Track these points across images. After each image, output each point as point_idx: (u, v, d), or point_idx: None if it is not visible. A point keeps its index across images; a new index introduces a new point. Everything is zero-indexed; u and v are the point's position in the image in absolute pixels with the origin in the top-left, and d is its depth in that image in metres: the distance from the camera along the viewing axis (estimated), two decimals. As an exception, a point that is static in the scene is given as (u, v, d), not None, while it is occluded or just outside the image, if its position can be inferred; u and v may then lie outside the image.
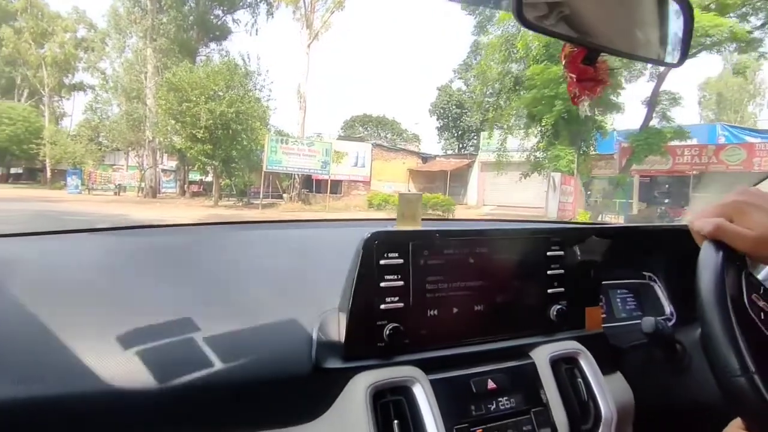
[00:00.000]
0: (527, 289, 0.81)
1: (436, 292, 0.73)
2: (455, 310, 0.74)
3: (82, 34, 29.56)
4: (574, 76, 0.71)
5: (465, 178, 22.00)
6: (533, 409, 0.72)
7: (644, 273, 1.07)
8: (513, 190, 17.70)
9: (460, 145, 32.01)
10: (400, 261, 0.69)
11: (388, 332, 0.67)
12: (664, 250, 1.07)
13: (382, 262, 0.68)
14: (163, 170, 21.74)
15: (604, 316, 0.94)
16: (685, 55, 0.72)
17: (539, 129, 14.13)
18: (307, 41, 19.24)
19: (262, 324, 0.69)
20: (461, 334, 0.75)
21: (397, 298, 0.69)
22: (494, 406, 0.70)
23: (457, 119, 30.80)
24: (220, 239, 0.96)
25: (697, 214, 0.58)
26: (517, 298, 0.80)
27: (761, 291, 0.58)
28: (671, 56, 0.72)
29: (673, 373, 0.82)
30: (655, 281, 1.07)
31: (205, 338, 0.64)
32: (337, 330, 0.68)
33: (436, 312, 0.72)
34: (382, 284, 0.68)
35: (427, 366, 0.69)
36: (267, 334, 0.69)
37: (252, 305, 0.72)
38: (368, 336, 0.67)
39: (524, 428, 0.70)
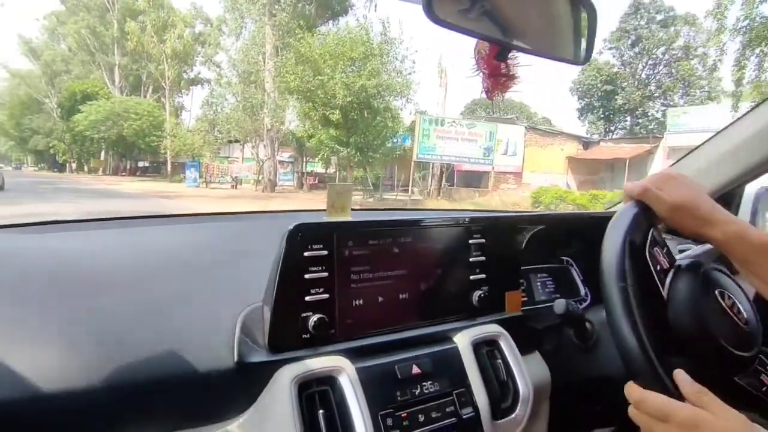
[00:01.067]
0: (450, 276, 0.82)
1: (361, 282, 0.73)
2: (380, 299, 0.75)
3: (199, 29, 29.41)
4: (487, 72, 0.72)
5: (642, 168, 16.97)
6: (456, 391, 0.74)
7: (562, 258, 1.11)
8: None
9: (609, 128, 26.71)
10: (325, 252, 0.69)
11: (313, 323, 0.67)
12: (580, 236, 1.10)
13: (306, 253, 0.67)
14: (279, 161, 19.82)
15: (524, 299, 0.96)
16: (590, 54, 0.76)
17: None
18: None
19: (184, 320, 0.67)
20: (387, 323, 0.75)
21: (322, 290, 0.68)
22: (418, 390, 0.71)
23: (606, 98, 25.63)
24: (141, 234, 0.92)
25: (633, 182, 0.70)
26: (440, 285, 0.81)
27: (664, 250, 0.70)
28: (577, 55, 0.75)
29: (584, 351, 0.86)
30: (571, 265, 1.11)
31: (123, 336, 0.62)
32: (261, 323, 0.67)
33: (361, 302, 0.73)
34: (307, 276, 0.67)
35: (353, 355, 0.69)
36: (188, 331, 0.66)
37: (173, 301, 0.69)
38: (293, 328, 0.67)
39: (447, 410, 0.72)
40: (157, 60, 28.25)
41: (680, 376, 0.58)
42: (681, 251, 0.99)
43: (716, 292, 0.68)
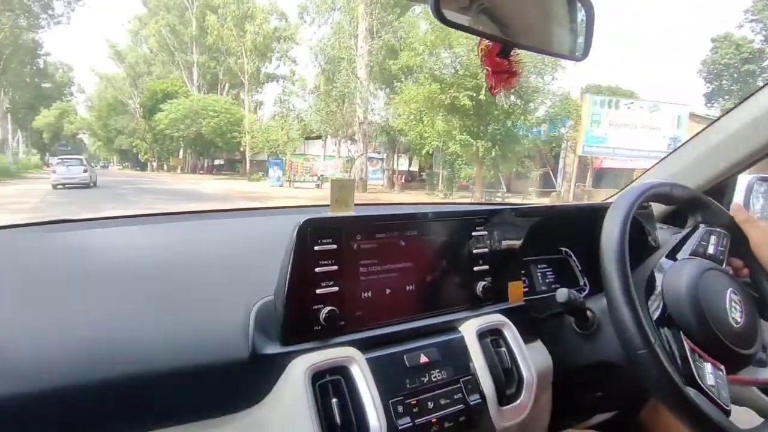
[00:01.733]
0: (455, 267, 0.85)
1: (369, 274, 0.75)
2: (388, 291, 0.77)
3: (275, 24, 28.47)
4: (489, 69, 0.73)
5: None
6: (462, 379, 0.76)
7: (561, 249, 1.12)
8: None
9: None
10: (334, 246, 0.70)
11: (324, 316, 0.69)
12: (578, 227, 1.10)
13: (316, 248, 0.69)
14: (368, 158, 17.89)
15: (526, 289, 0.99)
16: (588, 49, 0.77)
17: None
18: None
19: (198, 314, 0.69)
20: (395, 314, 0.77)
21: (331, 283, 0.70)
22: (427, 378, 0.73)
23: (744, 80, 21.42)
24: (155, 232, 0.93)
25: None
26: (445, 276, 0.84)
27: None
28: (576, 51, 0.78)
29: (584, 338, 0.88)
30: (570, 256, 1.12)
31: (141, 330, 0.64)
32: (274, 316, 0.69)
33: (370, 294, 0.74)
34: (317, 269, 0.69)
35: (363, 345, 0.71)
36: (203, 324, 0.68)
37: (188, 296, 0.71)
38: (305, 320, 0.68)
39: (455, 396, 0.74)
40: (236, 54, 27.59)
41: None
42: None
43: (728, 291, 0.76)
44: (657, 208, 1.18)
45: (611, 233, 0.73)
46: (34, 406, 0.56)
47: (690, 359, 0.69)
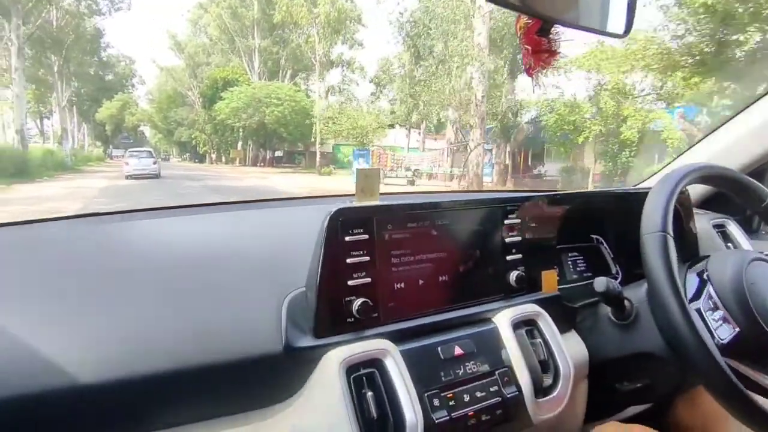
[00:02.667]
0: (487, 257, 0.83)
1: (401, 265, 0.74)
2: (420, 281, 0.76)
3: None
4: (529, 48, 0.72)
5: None
6: (498, 370, 0.75)
7: (592, 236, 1.11)
8: None
9: None
10: (365, 236, 0.69)
11: (356, 307, 0.68)
12: (610, 214, 1.10)
13: (347, 238, 0.68)
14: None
15: (558, 278, 0.96)
16: (630, 25, 0.75)
17: None
18: None
19: (230, 307, 0.68)
20: (427, 305, 0.76)
21: (363, 274, 0.69)
22: (462, 370, 0.72)
23: None
24: (177, 224, 0.91)
25: None
26: (478, 266, 0.82)
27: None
28: (617, 26, 0.76)
29: (621, 328, 0.86)
30: (602, 243, 1.10)
31: (174, 324, 0.64)
32: (306, 308, 0.68)
33: (402, 285, 0.74)
34: (349, 260, 0.68)
35: (396, 338, 0.70)
36: (235, 317, 0.67)
37: (218, 289, 0.70)
38: (337, 312, 0.68)
39: (491, 389, 0.72)
40: (306, 32, 25.17)
41: None
42: (715, 225, 1.13)
43: None
44: (693, 192, 1.13)
45: (653, 219, 0.71)
46: (72, 400, 0.56)
47: None
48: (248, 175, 21.41)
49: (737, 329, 0.71)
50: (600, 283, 0.80)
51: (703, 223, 1.09)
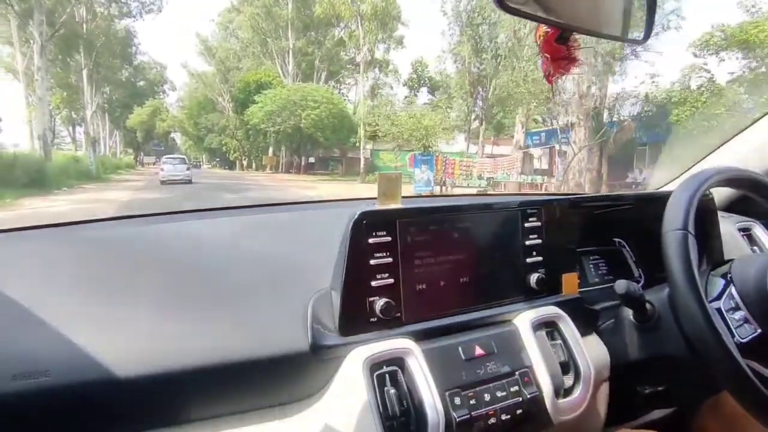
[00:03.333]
0: (508, 259, 0.84)
1: (423, 266, 0.75)
2: (442, 282, 0.77)
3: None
4: (548, 55, 0.72)
5: None
6: (518, 371, 0.75)
7: (614, 239, 1.10)
8: None
9: None
10: (389, 239, 0.71)
11: (380, 307, 0.69)
12: (633, 217, 1.09)
13: (371, 240, 0.70)
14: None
15: (579, 281, 0.97)
16: (649, 31, 0.76)
17: None
18: None
19: (258, 307, 0.71)
20: (449, 306, 0.77)
21: (387, 275, 0.71)
22: (483, 370, 0.73)
23: None
24: (205, 226, 0.93)
25: None
26: (499, 268, 0.83)
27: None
28: (637, 34, 0.76)
29: (643, 331, 0.86)
30: (624, 246, 1.10)
31: (202, 325, 0.66)
32: (331, 308, 0.70)
33: (424, 286, 0.75)
34: (372, 262, 0.70)
35: (418, 337, 0.72)
36: (264, 316, 0.70)
37: (245, 289, 0.73)
38: (361, 312, 0.69)
39: (511, 389, 0.73)
40: (349, 24, 23.42)
41: None
42: (740, 229, 1.11)
43: None
44: (718, 195, 1.12)
45: (675, 217, 0.71)
46: (104, 393, 0.59)
47: None
48: (287, 183, 19.55)
49: (759, 330, 0.71)
50: (621, 285, 0.80)
51: (728, 226, 1.09)
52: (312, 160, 32.78)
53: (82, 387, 0.58)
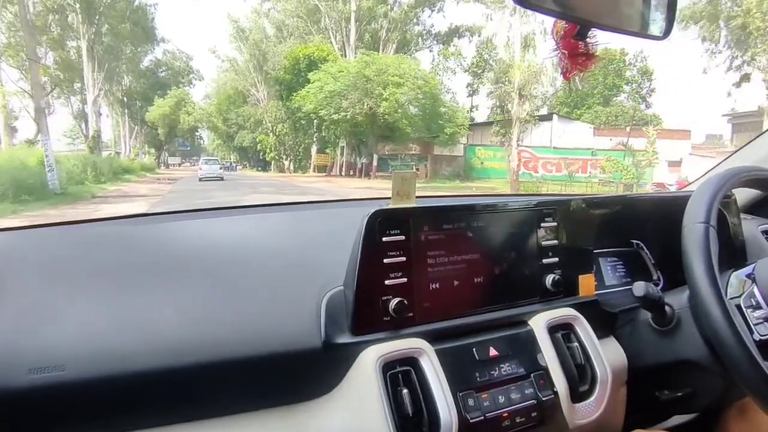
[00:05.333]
0: (523, 260, 0.83)
1: (437, 266, 0.74)
2: (456, 282, 0.76)
3: None
4: (566, 52, 0.71)
5: None
6: (533, 373, 0.75)
7: (632, 241, 1.07)
8: None
9: None
10: (402, 237, 0.71)
11: (393, 307, 0.69)
12: (652, 218, 1.07)
13: (384, 239, 0.70)
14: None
15: (595, 283, 0.96)
16: (670, 27, 0.74)
17: None
18: None
19: (272, 304, 0.71)
20: (463, 306, 0.77)
21: (400, 274, 0.70)
22: (497, 372, 0.73)
23: None
24: (220, 224, 0.93)
25: None
26: (514, 269, 0.82)
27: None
28: (657, 29, 0.74)
29: (662, 334, 0.85)
30: (642, 248, 1.07)
31: (215, 321, 0.67)
32: (344, 306, 0.70)
33: (438, 285, 0.74)
34: (386, 260, 0.70)
35: (431, 337, 0.71)
36: (277, 314, 0.70)
37: (259, 287, 0.73)
38: (374, 311, 0.69)
39: (526, 391, 0.73)
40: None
41: None
42: (764, 231, 1.04)
43: None
44: (741, 197, 1.10)
45: (696, 211, 0.71)
46: (120, 388, 0.60)
47: None
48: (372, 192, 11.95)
49: None
50: (639, 287, 0.79)
51: (751, 228, 1.05)
52: (365, 160, 25.40)
53: (97, 381, 0.59)
